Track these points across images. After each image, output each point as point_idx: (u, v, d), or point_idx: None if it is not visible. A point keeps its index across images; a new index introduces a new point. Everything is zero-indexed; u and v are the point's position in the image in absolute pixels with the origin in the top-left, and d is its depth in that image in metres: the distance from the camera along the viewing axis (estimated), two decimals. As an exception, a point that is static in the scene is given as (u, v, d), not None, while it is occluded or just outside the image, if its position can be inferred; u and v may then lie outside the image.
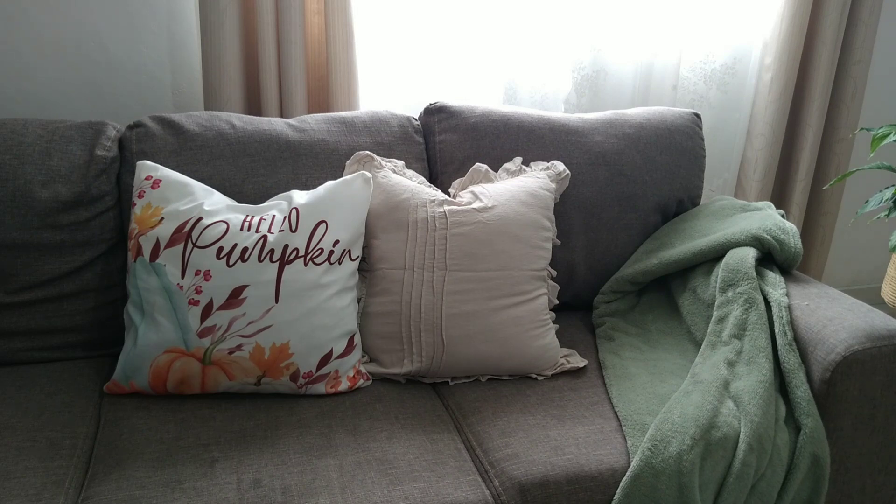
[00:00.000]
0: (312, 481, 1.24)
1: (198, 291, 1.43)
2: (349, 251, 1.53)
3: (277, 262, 1.45)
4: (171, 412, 1.41)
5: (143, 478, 1.23)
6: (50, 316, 1.57)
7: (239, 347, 1.43)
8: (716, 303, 1.60)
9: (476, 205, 1.58)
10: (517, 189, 1.64)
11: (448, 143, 1.78)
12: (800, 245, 1.66)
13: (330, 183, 1.58)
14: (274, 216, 1.51)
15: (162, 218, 1.48)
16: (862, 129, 2.32)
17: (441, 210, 1.57)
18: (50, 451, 1.29)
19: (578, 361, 1.61)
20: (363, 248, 1.60)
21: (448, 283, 1.53)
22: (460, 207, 1.58)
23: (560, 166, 1.74)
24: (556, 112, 2.06)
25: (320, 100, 1.97)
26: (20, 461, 1.25)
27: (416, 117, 1.84)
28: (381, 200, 1.60)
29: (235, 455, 1.29)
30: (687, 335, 1.68)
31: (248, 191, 1.63)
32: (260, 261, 1.45)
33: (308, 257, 1.47)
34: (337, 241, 1.51)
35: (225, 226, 1.47)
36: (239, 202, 1.60)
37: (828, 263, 2.87)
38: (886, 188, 2.21)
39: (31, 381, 1.49)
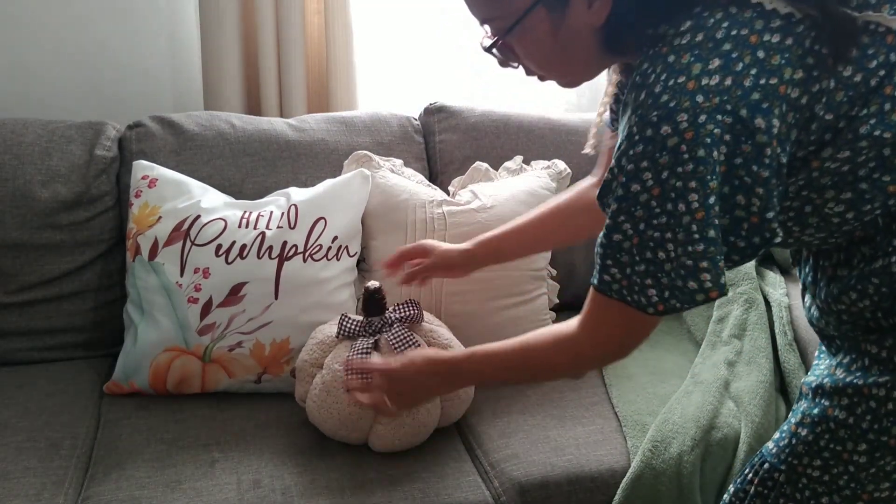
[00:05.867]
0: (312, 481, 1.24)
1: (197, 289, 1.43)
2: (347, 247, 1.52)
3: (276, 259, 1.45)
4: (171, 412, 1.41)
5: (143, 478, 1.23)
6: (50, 316, 1.57)
7: (239, 344, 1.43)
8: (716, 303, 1.60)
9: (475, 205, 1.58)
10: (517, 188, 1.63)
11: (448, 142, 1.78)
12: (800, 245, 1.66)
13: (328, 181, 1.58)
14: (272, 212, 1.51)
15: (160, 217, 1.48)
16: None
17: (440, 211, 1.57)
18: (50, 451, 1.29)
19: (578, 361, 1.61)
20: (363, 249, 1.60)
21: (447, 284, 1.52)
22: (459, 208, 1.58)
23: (561, 165, 1.73)
24: (556, 112, 2.06)
25: (320, 100, 1.97)
26: (20, 461, 1.25)
27: (416, 117, 1.84)
28: (380, 201, 1.59)
29: (235, 455, 1.29)
30: (687, 335, 1.68)
31: (247, 190, 1.63)
32: (259, 257, 1.45)
33: (307, 253, 1.47)
34: (335, 238, 1.51)
35: (223, 223, 1.47)
36: (238, 202, 1.60)
37: (828, 263, 2.87)
38: (887, 188, 2.21)
39: (31, 381, 1.48)
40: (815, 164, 0.81)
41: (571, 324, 0.94)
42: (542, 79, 0.93)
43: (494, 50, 0.90)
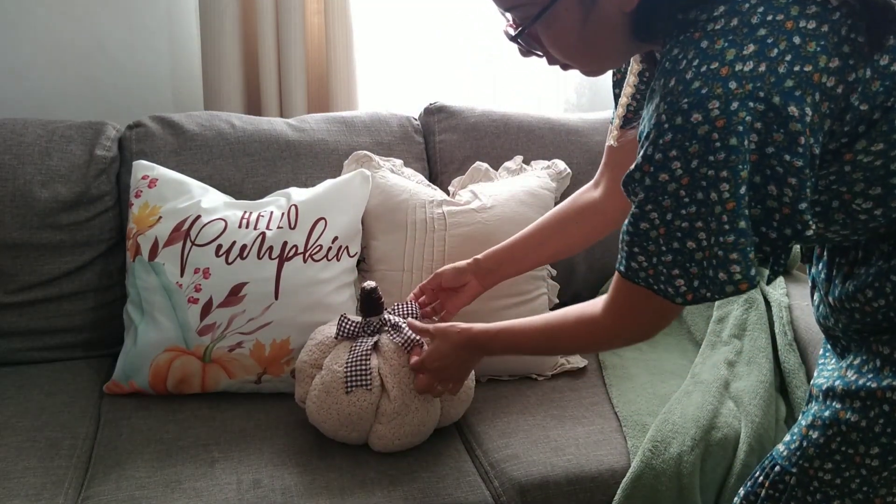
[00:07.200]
0: (312, 481, 1.24)
1: (197, 289, 1.43)
2: (347, 247, 1.53)
3: (277, 259, 1.45)
4: (171, 412, 1.41)
5: (143, 478, 1.23)
6: (50, 316, 1.57)
7: (239, 345, 1.43)
8: (715, 302, 1.60)
9: (475, 204, 1.58)
10: (517, 188, 1.63)
11: (448, 142, 1.78)
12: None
13: (328, 181, 1.58)
14: (272, 212, 1.51)
15: (160, 217, 1.48)
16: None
17: (440, 211, 1.57)
18: (50, 451, 1.29)
19: (578, 361, 1.61)
20: (363, 249, 1.60)
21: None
22: (459, 208, 1.58)
23: (561, 165, 1.73)
24: (556, 112, 2.06)
25: (320, 100, 1.97)
26: (20, 461, 1.25)
27: (416, 117, 1.84)
28: (380, 201, 1.59)
29: (235, 455, 1.29)
30: (687, 335, 1.68)
31: (247, 190, 1.63)
32: (259, 258, 1.45)
33: (307, 254, 1.47)
34: (336, 238, 1.51)
35: (223, 223, 1.47)
36: (238, 202, 1.60)
37: (828, 263, 2.86)
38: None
39: (31, 381, 1.48)
40: (848, 157, 0.79)
41: (596, 305, 0.96)
42: (565, 68, 0.91)
43: (519, 39, 0.88)
